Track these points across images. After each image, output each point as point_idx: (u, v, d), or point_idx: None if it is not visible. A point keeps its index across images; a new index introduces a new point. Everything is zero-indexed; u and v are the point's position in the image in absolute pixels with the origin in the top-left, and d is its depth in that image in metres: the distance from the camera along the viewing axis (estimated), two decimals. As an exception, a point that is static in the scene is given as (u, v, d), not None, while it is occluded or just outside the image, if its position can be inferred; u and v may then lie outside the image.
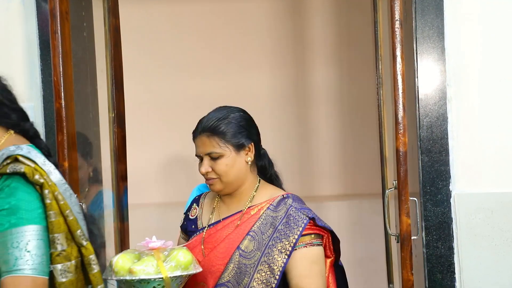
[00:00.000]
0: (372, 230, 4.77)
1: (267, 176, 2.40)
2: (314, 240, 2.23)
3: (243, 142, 2.28)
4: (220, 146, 2.25)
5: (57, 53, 2.47)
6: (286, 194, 2.31)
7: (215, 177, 2.27)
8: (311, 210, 2.28)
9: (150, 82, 5.08)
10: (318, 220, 2.24)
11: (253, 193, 2.32)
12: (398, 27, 2.40)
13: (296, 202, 2.28)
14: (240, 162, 2.27)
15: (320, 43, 5.14)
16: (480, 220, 2.61)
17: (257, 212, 2.27)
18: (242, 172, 2.28)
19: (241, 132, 2.28)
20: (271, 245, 2.19)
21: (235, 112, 2.34)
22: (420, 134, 2.63)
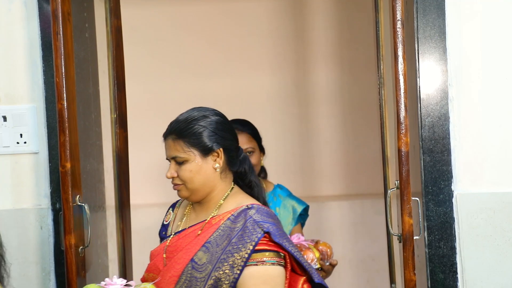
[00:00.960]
0: (374, 230, 4.77)
1: (245, 183, 2.24)
2: (268, 258, 2.01)
3: (211, 147, 2.12)
4: (184, 151, 2.11)
5: (59, 54, 2.47)
6: (251, 204, 2.11)
7: (180, 183, 2.14)
8: (274, 224, 2.05)
9: (151, 83, 5.08)
10: (275, 235, 2.01)
11: (221, 201, 2.16)
12: (400, 27, 2.40)
13: (259, 214, 2.07)
14: (206, 168, 2.12)
15: (321, 43, 5.14)
16: (482, 220, 2.61)
17: (217, 222, 2.11)
18: (209, 179, 2.13)
19: (210, 136, 2.13)
20: (223, 259, 2.01)
21: (207, 115, 2.17)
22: (422, 134, 2.63)
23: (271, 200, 3.13)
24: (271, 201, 3.13)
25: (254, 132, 3.07)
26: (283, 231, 2.08)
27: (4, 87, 2.75)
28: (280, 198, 3.16)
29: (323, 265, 2.80)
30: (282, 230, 2.07)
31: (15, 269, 2.73)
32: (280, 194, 3.17)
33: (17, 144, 2.75)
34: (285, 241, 2.03)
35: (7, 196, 2.75)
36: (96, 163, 3.08)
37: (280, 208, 3.13)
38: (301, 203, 3.16)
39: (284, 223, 3.07)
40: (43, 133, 2.74)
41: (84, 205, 2.59)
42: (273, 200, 3.14)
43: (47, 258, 2.74)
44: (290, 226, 3.12)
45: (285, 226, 3.05)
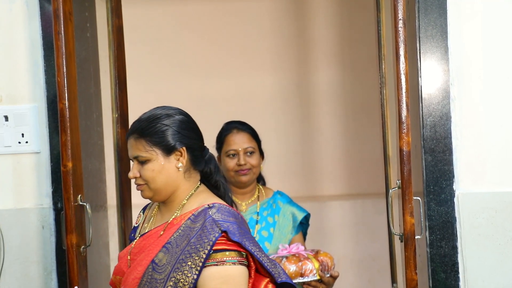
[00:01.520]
0: (376, 230, 4.77)
1: (211, 183, 2.18)
2: (229, 258, 1.96)
3: (174, 146, 2.06)
4: (146, 150, 2.05)
5: (61, 54, 2.47)
6: (213, 203, 2.05)
7: (142, 183, 2.08)
8: (235, 223, 2.00)
9: (153, 83, 5.08)
10: (234, 234, 1.96)
11: (184, 201, 2.10)
12: (401, 27, 2.40)
13: (219, 213, 2.01)
14: (169, 167, 2.06)
15: (323, 43, 5.14)
16: (484, 219, 2.61)
17: (178, 223, 2.06)
18: (172, 178, 2.07)
19: (173, 135, 2.07)
20: (182, 260, 1.96)
21: (170, 114, 2.12)
22: (424, 134, 2.63)
23: (269, 207, 2.96)
24: (269, 209, 2.96)
25: (254, 133, 2.97)
26: (245, 230, 2.02)
27: (5, 87, 2.75)
28: (279, 205, 2.98)
29: (322, 276, 2.68)
30: (244, 229, 2.03)
31: (17, 268, 2.74)
32: (279, 201, 2.99)
33: (19, 144, 2.75)
34: (246, 240, 1.98)
35: (9, 195, 2.75)
36: (97, 163, 3.08)
37: (279, 215, 2.95)
38: (302, 211, 2.99)
39: (284, 232, 2.93)
40: (45, 133, 2.74)
41: (86, 205, 2.59)
42: (272, 207, 2.97)
43: (48, 258, 2.74)
44: (290, 235, 2.93)
45: (284, 235, 2.92)
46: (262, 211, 2.95)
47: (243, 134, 2.92)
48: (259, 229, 2.90)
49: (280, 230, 2.92)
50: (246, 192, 2.95)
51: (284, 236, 2.92)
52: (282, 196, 3.01)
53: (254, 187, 2.97)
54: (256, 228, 2.90)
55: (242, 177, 2.88)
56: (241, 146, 2.89)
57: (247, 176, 2.88)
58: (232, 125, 2.97)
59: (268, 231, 2.91)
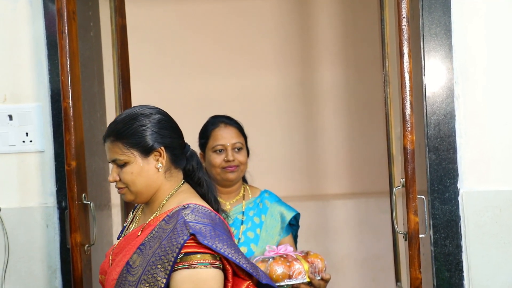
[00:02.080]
0: (380, 229, 4.77)
1: (194, 181, 2.13)
2: (200, 261, 1.88)
3: (151, 146, 2.00)
4: (124, 153, 2.00)
5: (65, 53, 2.47)
6: (188, 204, 1.98)
7: (122, 186, 2.03)
8: (208, 225, 1.93)
9: (157, 82, 5.08)
10: (204, 236, 1.89)
11: (164, 201, 2.04)
12: (405, 25, 2.39)
13: (193, 214, 1.94)
14: (148, 169, 2.01)
15: (326, 42, 5.14)
16: (488, 218, 2.60)
17: (154, 224, 2.00)
18: (153, 179, 2.02)
19: (150, 135, 2.01)
20: (152, 263, 1.90)
21: (146, 113, 2.05)
22: (428, 132, 2.62)
23: (256, 207, 2.80)
24: (256, 208, 2.80)
25: (241, 128, 2.81)
26: (221, 232, 1.94)
27: (9, 86, 2.75)
28: (266, 205, 2.82)
29: (313, 279, 2.51)
30: (220, 230, 1.95)
31: (21, 267, 2.74)
32: (266, 200, 2.83)
33: (23, 143, 2.75)
34: (219, 242, 1.90)
35: (13, 194, 2.76)
36: (101, 162, 3.08)
37: (266, 216, 2.79)
38: (291, 210, 2.82)
39: (271, 233, 2.76)
40: (49, 132, 2.75)
41: (90, 204, 2.59)
42: (259, 207, 2.81)
43: (53, 256, 2.74)
44: (278, 236, 2.77)
45: (272, 236, 2.76)
46: (248, 211, 2.79)
47: (231, 128, 2.77)
48: (245, 230, 2.74)
49: (268, 231, 2.77)
50: (231, 191, 2.80)
51: (271, 237, 2.77)
52: (270, 195, 2.86)
53: (239, 185, 2.82)
54: (242, 228, 2.74)
55: (229, 174, 2.72)
56: (229, 141, 2.73)
57: (234, 174, 2.72)
58: (219, 119, 2.80)
59: (254, 232, 2.75)
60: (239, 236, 2.72)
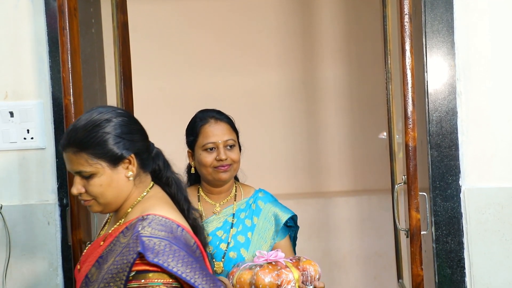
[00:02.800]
0: (382, 226, 4.77)
1: (162, 181, 2.01)
2: (152, 281, 1.75)
3: (121, 155, 1.86)
4: (90, 164, 1.84)
5: (66, 50, 2.47)
6: (147, 215, 1.82)
7: (89, 198, 1.89)
8: (165, 240, 1.77)
9: (158, 79, 5.08)
10: (154, 253, 1.74)
11: (129, 209, 1.91)
12: (407, 21, 2.39)
13: (150, 226, 1.79)
14: (118, 179, 1.87)
15: (328, 39, 5.13)
16: (490, 215, 2.60)
17: (114, 234, 1.88)
18: (123, 189, 1.89)
19: (118, 142, 1.86)
20: (106, 280, 1.78)
21: (109, 118, 1.89)
22: (430, 129, 2.62)
23: (248, 208, 2.59)
24: (248, 210, 2.59)
25: (232, 123, 2.59)
26: (180, 247, 1.79)
27: (10, 83, 2.75)
28: (259, 206, 2.60)
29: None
30: (179, 246, 1.79)
31: (22, 264, 2.74)
32: (260, 201, 2.61)
33: (24, 140, 2.75)
34: (173, 259, 1.75)
35: (15, 191, 2.75)
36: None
37: (259, 218, 2.58)
38: (286, 211, 2.59)
39: (264, 237, 2.56)
40: (50, 129, 2.74)
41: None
42: (251, 208, 2.59)
43: (54, 254, 2.74)
44: (271, 240, 2.56)
45: (265, 240, 2.55)
46: (238, 212, 2.57)
47: (222, 124, 2.54)
48: (235, 234, 2.53)
49: (260, 234, 2.56)
50: (222, 191, 2.59)
51: (264, 241, 2.55)
52: (264, 196, 2.64)
53: (231, 185, 2.60)
54: (231, 232, 2.53)
55: (222, 174, 2.51)
56: (221, 138, 2.51)
57: (227, 173, 2.52)
58: (208, 114, 2.57)
59: (245, 236, 2.54)
60: (229, 240, 2.52)
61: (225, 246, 2.52)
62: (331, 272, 4.87)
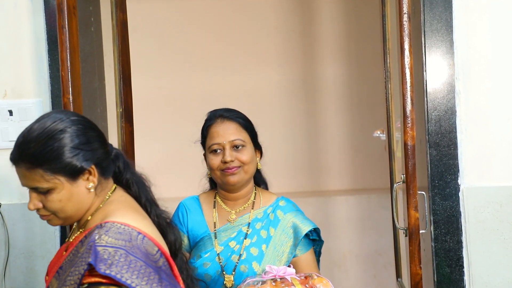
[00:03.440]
0: (381, 225, 4.77)
1: (123, 183, 1.89)
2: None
3: (80, 168, 1.72)
4: (47, 180, 1.70)
5: (65, 48, 2.47)
6: (105, 222, 1.70)
7: (47, 213, 1.76)
8: (120, 249, 1.64)
9: (158, 77, 5.09)
10: (106, 264, 1.60)
11: (89, 217, 1.79)
12: (406, 21, 2.39)
13: (107, 235, 1.66)
14: (78, 192, 1.74)
15: (328, 38, 5.13)
16: (489, 214, 2.60)
17: (74, 243, 1.77)
18: (84, 201, 1.76)
19: (76, 154, 1.72)
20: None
21: (63, 129, 1.73)
22: (429, 128, 2.62)
23: (265, 218, 2.38)
24: (265, 220, 2.38)
25: (245, 122, 2.42)
26: (135, 257, 1.66)
27: (10, 82, 2.75)
28: (278, 216, 2.39)
29: None
30: (135, 255, 1.66)
31: (21, 263, 2.74)
32: (279, 211, 2.40)
33: (23, 138, 2.75)
34: (127, 271, 1.62)
35: (14, 190, 2.75)
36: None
37: (276, 229, 2.37)
38: (307, 223, 2.37)
39: (280, 251, 2.34)
40: (49, 127, 2.74)
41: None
42: (269, 217, 2.39)
43: (53, 252, 2.73)
44: (288, 255, 2.34)
45: (281, 254, 2.34)
46: (254, 222, 2.38)
47: (228, 124, 2.39)
48: (248, 245, 2.34)
49: (276, 247, 2.35)
50: (238, 197, 2.41)
51: (280, 255, 2.34)
52: (285, 205, 2.42)
53: (249, 190, 2.42)
54: (244, 243, 2.34)
55: (229, 177, 2.34)
56: (226, 138, 2.35)
57: (235, 176, 2.34)
58: (216, 113, 2.43)
59: (259, 249, 2.33)
60: (241, 252, 2.33)
61: (236, 259, 2.33)
62: (331, 271, 4.87)
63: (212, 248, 2.37)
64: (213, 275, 2.34)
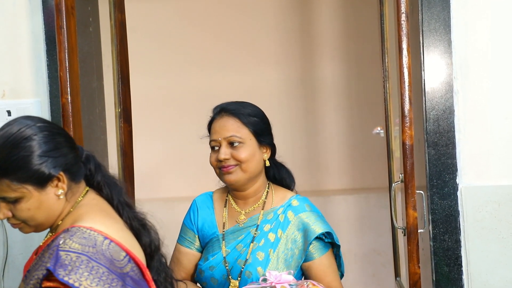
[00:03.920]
0: (380, 224, 4.77)
1: (94, 185, 1.83)
2: None
3: (48, 175, 1.67)
4: (14, 190, 1.65)
5: (63, 48, 2.47)
6: (72, 227, 1.66)
7: (17, 222, 1.73)
8: (83, 255, 1.59)
9: (156, 77, 5.08)
10: (66, 270, 1.55)
11: (59, 222, 1.75)
12: (404, 20, 2.39)
13: (71, 240, 1.62)
14: (48, 199, 1.70)
15: (327, 37, 5.14)
16: (487, 213, 2.60)
17: (43, 246, 1.74)
18: (54, 208, 1.72)
19: (43, 162, 1.66)
20: None
21: (29, 136, 1.67)
22: (427, 127, 2.62)
23: (275, 219, 2.22)
24: (275, 221, 2.22)
25: (248, 117, 2.27)
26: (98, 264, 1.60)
27: (8, 82, 2.75)
28: (288, 218, 2.22)
29: None
30: (98, 262, 1.61)
31: (20, 262, 2.74)
32: (290, 212, 2.22)
33: (22, 139, 2.74)
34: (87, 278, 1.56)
35: (12, 190, 2.75)
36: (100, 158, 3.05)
37: (285, 232, 2.20)
38: (319, 225, 2.18)
39: (287, 256, 2.19)
40: (48, 127, 2.74)
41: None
42: (278, 219, 2.22)
43: (52, 252, 2.74)
44: (297, 260, 2.18)
45: (290, 259, 2.18)
46: (263, 224, 2.22)
47: (227, 119, 2.23)
48: (255, 249, 2.19)
49: (284, 252, 2.19)
50: (248, 196, 2.27)
51: (289, 261, 2.18)
52: (298, 205, 2.24)
53: (259, 189, 2.27)
54: (251, 247, 2.20)
55: (226, 176, 2.20)
56: (222, 135, 2.21)
57: (232, 175, 2.20)
58: (217, 108, 2.30)
59: (265, 253, 2.18)
60: (247, 256, 2.19)
61: (242, 263, 2.18)
62: (330, 270, 4.87)
63: (219, 250, 2.23)
64: (220, 280, 2.21)
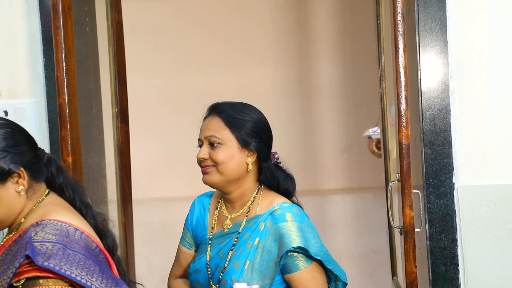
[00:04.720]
0: (376, 224, 4.78)
1: (56, 187, 1.84)
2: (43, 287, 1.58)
3: (8, 171, 1.69)
4: None
5: (60, 49, 2.47)
6: (42, 220, 1.67)
7: None
8: (58, 243, 1.61)
9: (153, 77, 5.09)
10: (44, 257, 1.57)
11: (22, 219, 1.75)
12: (400, 20, 2.39)
13: (43, 231, 1.64)
14: (8, 195, 1.71)
15: (323, 37, 5.14)
16: (484, 212, 2.61)
17: (7, 244, 1.73)
18: (14, 205, 1.73)
19: (3, 157, 1.69)
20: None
21: None
22: (423, 127, 2.63)
23: (255, 227, 2.11)
24: (255, 229, 2.11)
25: (231, 119, 2.17)
26: (73, 251, 1.63)
27: (5, 82, 2.75)
28: (268, 227, 2.10)
29: None
30: (73, 249, 1.63)
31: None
32: (270, 221, 2.10)
33: (19, 139, 2.74)
34: (66, 263, 1.59)
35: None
36: (97, 158, 3.08)
37: (262, 242, 2.09)
38: (296, 238, 2.05)
39: (262, 267, 2.08)
40: (45, 128, 2.74)
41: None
42: (258, 227, 2.11)
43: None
44: (272, 273, 2.07)
45: (264, 271, 2.07)
46: (244, 231, 2.13)
47: (212, 118, 2.17)
48: (233, 257, 2.10)
49: (259, 263, 2.08)
50: (233, 200, 2.17)
51: (263, 273, 2.07)
52: (279, 214, 2.10)
53: (244, 194, 2.17)
54: (229, 255, 2.11)
55: (203, 176, 2.14)
56: (204, 134, 2.15)
57: (208, 176, 2.12)
58: (211, 106, 2.24)
59: (241, 262, 2.08)
60: (225, 264, 2.11)
61: (221, 270, 2.12)
62: (327, 269, 4.87)
63: (204, 254, 2.19)
64: (203, 284, 2.17)
